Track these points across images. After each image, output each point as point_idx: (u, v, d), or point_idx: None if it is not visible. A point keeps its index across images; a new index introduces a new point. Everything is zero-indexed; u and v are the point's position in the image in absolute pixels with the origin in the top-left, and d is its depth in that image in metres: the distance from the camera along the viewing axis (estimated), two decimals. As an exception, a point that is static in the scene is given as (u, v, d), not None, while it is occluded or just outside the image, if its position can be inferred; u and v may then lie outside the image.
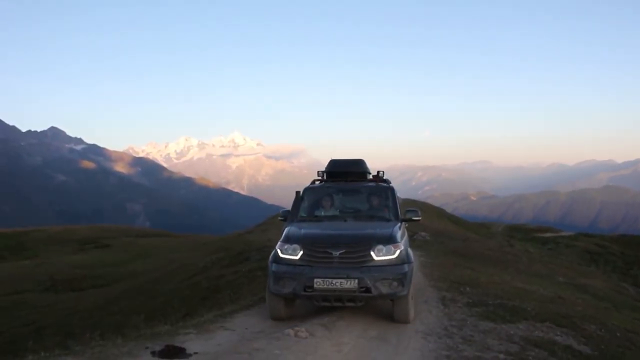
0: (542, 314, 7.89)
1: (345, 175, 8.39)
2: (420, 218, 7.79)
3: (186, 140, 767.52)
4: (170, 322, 8.19)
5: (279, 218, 8.09)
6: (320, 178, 8.59)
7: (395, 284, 6.38)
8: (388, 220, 7.50)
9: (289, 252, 6.67)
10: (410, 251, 6.96)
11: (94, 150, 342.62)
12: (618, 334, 7.59)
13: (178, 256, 29.79)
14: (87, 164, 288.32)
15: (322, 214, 7.88)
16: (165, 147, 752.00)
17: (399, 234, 6.83)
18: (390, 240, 6.61)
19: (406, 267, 6.54)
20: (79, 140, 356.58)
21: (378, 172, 8.49)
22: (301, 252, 6.59)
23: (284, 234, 7.09)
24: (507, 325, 7.05)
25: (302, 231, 6.96)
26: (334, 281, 6.33)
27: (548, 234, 44.76)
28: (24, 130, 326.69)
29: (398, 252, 6.54)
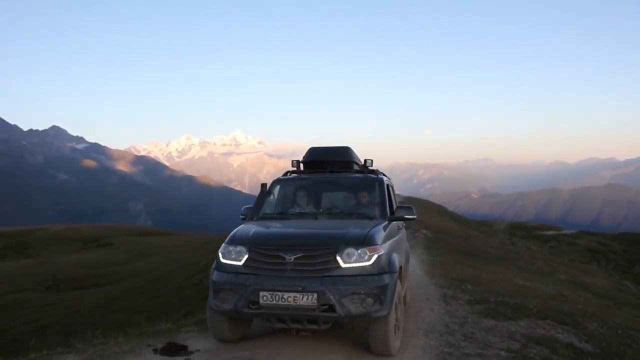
0: (543, 311, 7.88)
1: (326, 165, 6.91)
2: (414, 216, 6.29)
3: (188, 138, 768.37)
4: (171, 321, 8.21)
5: (240, 216, 6.54)
6: (295, 168, 7.16)
7: (369, 300, 4.87)
8: (372, 218, 6.00)
9: (232, 256, 5.24)
10: (396, 258, 5.46)
11: (96, 149, 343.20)
12: (619, 332, 7.59)
13: (180, 255, 29.77)
14: (89, 163, 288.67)
15: (297, 211, 6.51)
16: (167, 145, 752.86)
17: (379, 235, 5.30)
18: (364, 242, 5.07)
19: (386, 279, 5.02)
20: (81, 139, 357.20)
21: (365, 160, 7.07)
22: (246, 257, 5.15)
23: (230, 233, 5.63)
24: (508, 322, 7.04)
25: (252, 230, 5.51)
26: (286, 295, 4.88)
27: (550, 232, 44.76)
28: (25, 129, 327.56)
29: (375, 257, 5.00)
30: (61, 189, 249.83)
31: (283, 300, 4.89)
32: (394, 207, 6.55)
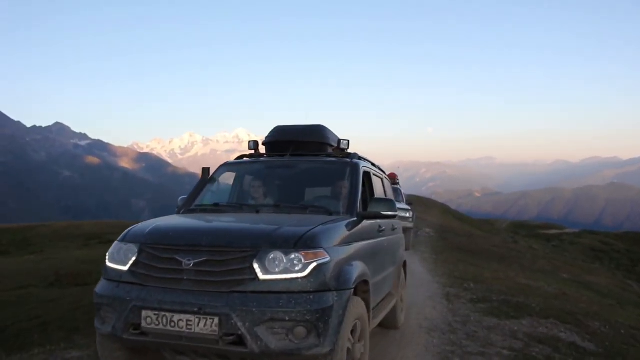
0: (546, 310, 7.88)
1: (292, 146, 5.44)
2: (395, 213, 4.70)
3: (190, 136, 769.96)
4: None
5: (176, 210, 5.06)
6: (253, 151, 5.70)
7: (300, 330, 3.31)
8: (333, 213, 4.42)
9: (120, 258, 3.79)
10: (355, 269, 3.86)
11: (99, 146, 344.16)
12: (622, 331, 7.57)
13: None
14: (92, 160, 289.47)
15: (251, 203, 5.03)
16: (170, 142, 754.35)
17: (327, 236, 3.71)
18: (300, 243, 3.48)
19: (330, 299, 3.42)
20: (84, 136, 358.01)
21: (340, 141, 5.51)
22: (134, 259, 3.71)
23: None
24: (511, 321, 7.04)
25: (155, 224, 4.07)
26: (176, 318, 3.39)
27: (552, 231, 44.77)
28: (29, 125, 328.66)
29: (312, 267, 3.41)
30: (64, 185, 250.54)
31: (172, 324, 3.39)
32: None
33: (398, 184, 17.08)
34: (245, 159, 5.63)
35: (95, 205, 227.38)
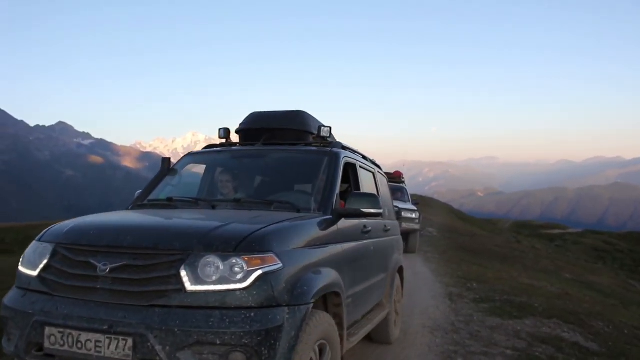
0: (549, 310, 7.86)
1: (268, 134, 4.78)
2: (379, 211, 3.94)
3: (193, 135, 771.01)
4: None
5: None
6: (224, 140, 4.99)
7: (237, 357, 2.60)
8: (302, 209, 3.70)
9: (33, 260, 3.10)
10: (324, 277, 3.20)
11: (102, 145, 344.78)
12: (625, 331, 7.56)
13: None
14: (95, 159, 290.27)
15: (219, 198, 4.33)
16: (173, 142, 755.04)
17: (282, 236, 3.01)
18: (241, 246, 2.76)
19: (279, 316, 2.70)
20: (87, 135, 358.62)
21: (320, 128, 4.60)
22: (45, 262, 3.02)
23: None
24: (514, 321, 7.03)
25: (80, 221, 3.40)
26: (84, 337, 2.70)
27: (555, 231, 44.74)
28: (32, 125, 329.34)
29: (256, 275, 2.69)
30: (67, 184, 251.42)
31: (79, 345, 2.69)
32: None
33: (404, 182, 16.38)
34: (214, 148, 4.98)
35: (98, 204, 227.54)
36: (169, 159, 4.76)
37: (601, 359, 5.79)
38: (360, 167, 4.87)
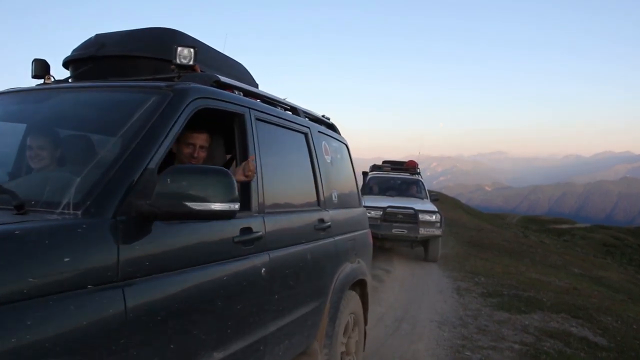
0: (557, 305, 7.86)
1: (109, 65, 2.95)
2: (231, 209, 1.89)
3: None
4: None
5: None
6: (41, 80, 3.08)
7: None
8: (25, 204, 1.68)
9: None
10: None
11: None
12: (634, 326, 7.54)
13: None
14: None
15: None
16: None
17: None
18: None
19: None
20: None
21: (177, 49, 2.52)
22: None
23: None
24: (522, 315, 7.04)
25: None
26: None
27: (564, 226, 44.55)
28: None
29: None
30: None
31: None
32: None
33: (419, 174, 14.35)
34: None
35: None
36: None
37: (609, 354, 5.79)
38: (264, 121, 2.92)
